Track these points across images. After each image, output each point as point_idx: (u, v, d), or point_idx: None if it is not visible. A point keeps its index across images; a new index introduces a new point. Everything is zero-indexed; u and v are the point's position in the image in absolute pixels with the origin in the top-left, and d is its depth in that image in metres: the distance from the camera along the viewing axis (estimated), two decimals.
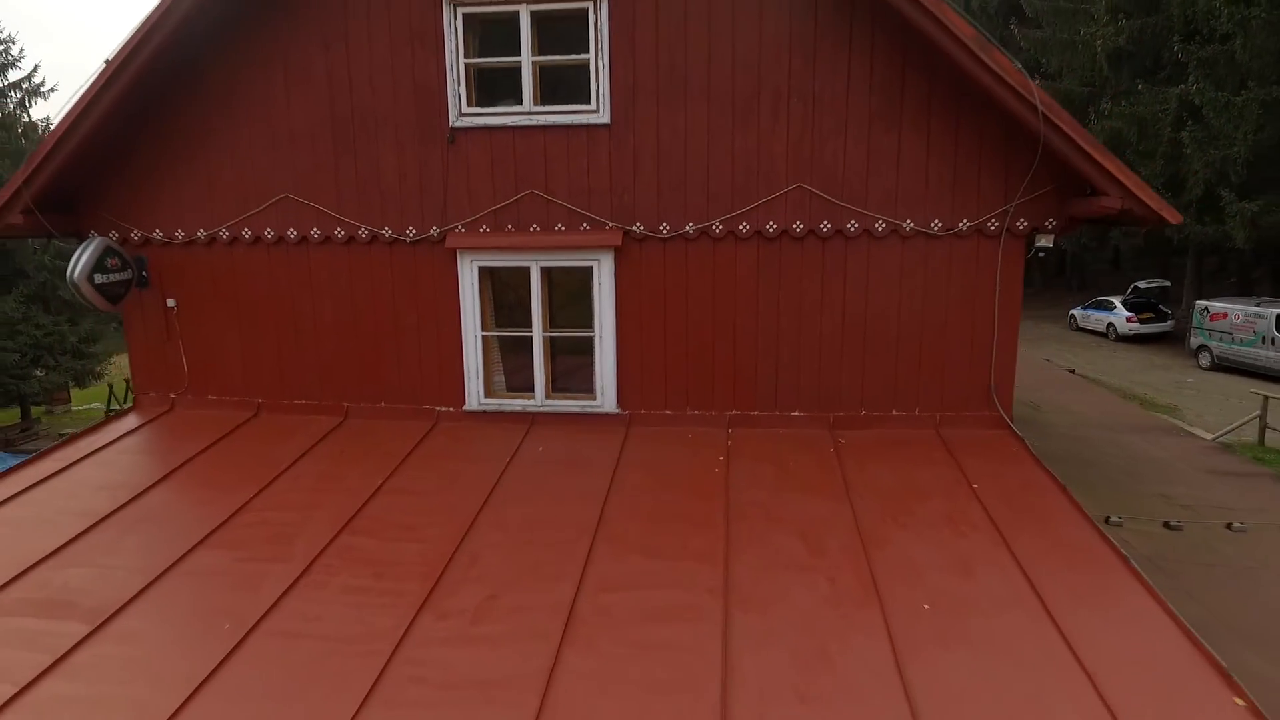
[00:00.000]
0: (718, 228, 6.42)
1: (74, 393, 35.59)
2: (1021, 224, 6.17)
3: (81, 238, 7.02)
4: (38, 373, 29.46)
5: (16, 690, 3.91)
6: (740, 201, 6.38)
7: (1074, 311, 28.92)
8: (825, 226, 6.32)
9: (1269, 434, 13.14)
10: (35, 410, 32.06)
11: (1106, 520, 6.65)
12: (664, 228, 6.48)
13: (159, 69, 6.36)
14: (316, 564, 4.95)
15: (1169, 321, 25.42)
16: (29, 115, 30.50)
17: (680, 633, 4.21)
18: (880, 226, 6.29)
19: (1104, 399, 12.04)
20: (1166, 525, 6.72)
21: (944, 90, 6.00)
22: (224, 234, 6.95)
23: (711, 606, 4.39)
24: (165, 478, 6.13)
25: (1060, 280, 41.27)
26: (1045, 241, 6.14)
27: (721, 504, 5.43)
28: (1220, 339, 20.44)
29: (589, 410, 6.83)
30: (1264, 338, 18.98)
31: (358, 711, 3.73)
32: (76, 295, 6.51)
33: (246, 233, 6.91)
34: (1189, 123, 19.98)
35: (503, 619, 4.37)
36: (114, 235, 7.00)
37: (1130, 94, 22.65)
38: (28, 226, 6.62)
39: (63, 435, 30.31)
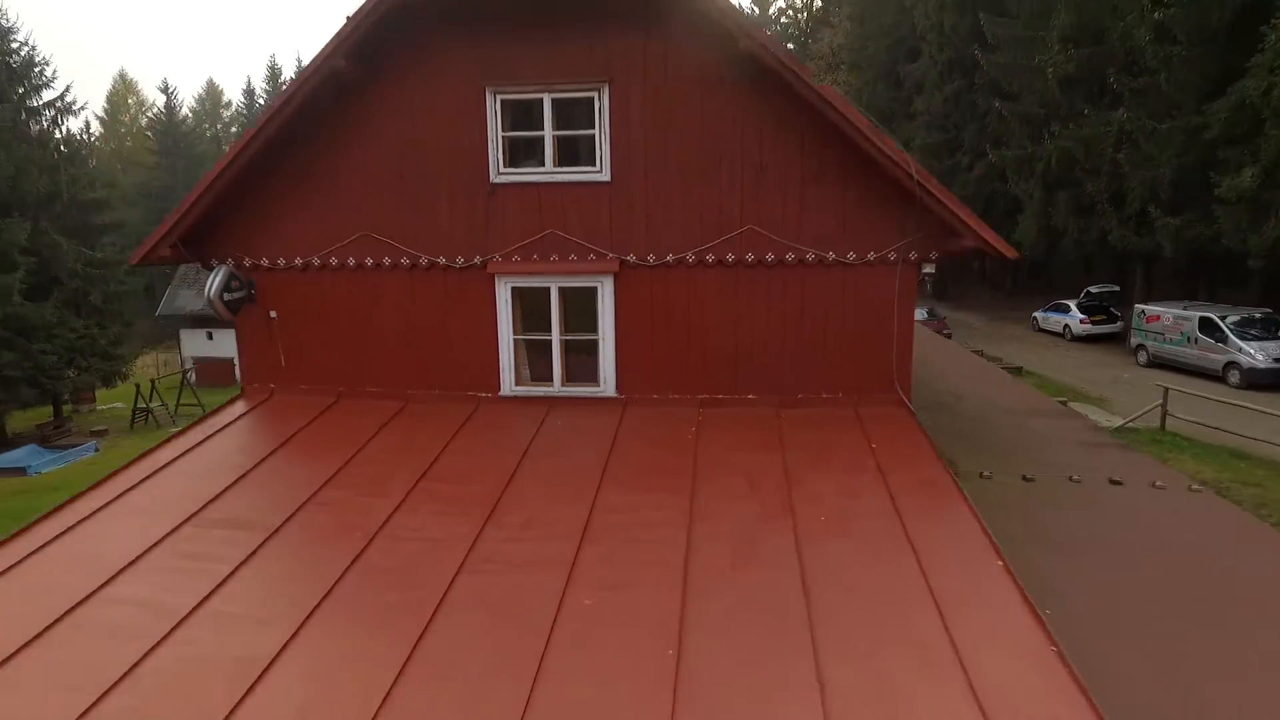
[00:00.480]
0: (691, 258, 8.63)
1: (97, 393, 37.49)
2: (913, 256, 8.38)
3: (205, 264, 9.18)
4: (70, 373, 31.39)
5: (233, 568, 6.08)
6: (707, 238, 8.58)
7: (1036, 314, 31.24)
8: (770, 258, 8.53)
9: (1170, 420, 15.41)
10: (64, 409, 33.96)
11: (981, 475, 8.86)
12: (651, 258, 8.68)
13: (276, 138, 8.54)
14: (408, 499, 7.13)
15: (1118, 323, 27.73)
16: (61, 131, 32.54)
17: (658, 535, 6.40)
18: (811, 257, 8.50)
19: (1024, 392, 14.25)
20: (1024, 478, 8.93)
21: (854, 159, 8.20)
22: (316, 261, 9.12)
23: (680, 520, 6.58)
24: (282, 445, 8.30)
25: (1033, 283, 43.60)
26: (929, 269, 8.37)
27: (691, 458, 7.63)
28: (1155, 339, 22.75)
29: (595, 395, 9.03)
30: (1189, 338, 21.29)
31: (454, 577, 5.91)
32: (210, 308, 8.68)
33: (334, 261, 9.09)
34: (1125, 146, 22.29)
35: (541, 528, 6.56)
36: (230, 262, 9.17)
37: (1078, 117, 24.93)
38: (172, 256, 8.79)
39: (94, 432, 32.29)
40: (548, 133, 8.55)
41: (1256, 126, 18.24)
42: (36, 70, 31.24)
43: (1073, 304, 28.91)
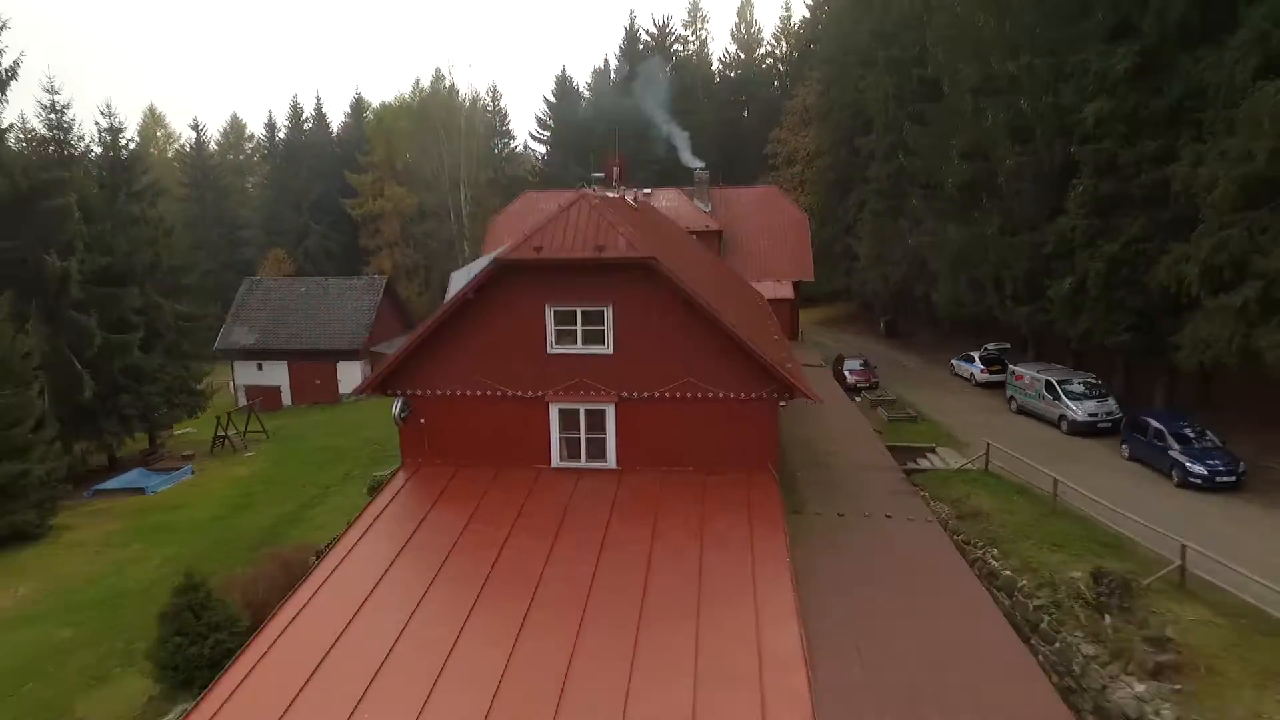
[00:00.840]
0: (657, 394, 15.83)
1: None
2: (776, 395, 15.59)
3: (384, 392, 16.35)
4: (164, 409, 38.25)
5: (437, 569, 13.21)
6: (665, 384, 15.77)
7: (952, 360, 38.44)
8: (699, 394, 15.73)
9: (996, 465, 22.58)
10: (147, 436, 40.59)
11: (816, 513, 16.03)
12: (635, 394, 15.87)
13: (430, 334, 15.71)
14: (513, 530, 14.28)
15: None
16: (157, 209, 39.46)
17: (637, 547, 13.56)
18: (721, 395, 15.70)
19: (877, 450, 21.26)
20: (839, 514, 16.13)
21: (744, 351, 15.36)
22: (449, 392, 16.30)
23: (647, 539, 13.75)
24: (436, 502, 15.44)
25: (968, 326, 50.61)
26: (784, 403, 15.59)
27: (654, 505, 14.82)
28: (1021, 393, 30.02)
29: (603, 467, 16.22)
30: (1040, 394, 28.56)
31: (544, 568, 13.06)
32: (395, 424, 15.83)
33: (459, 391, 16.27)
34: (994, 249, 29.56)
35: (583, 547, 13.72)
36: (399, 393, 16.33)
37: (970, 214, 32.16)
38: (373, 391, 15.97)
39: (183, 456, 39.07)
40: (579, 327, 15.78)
41: (1071, 250, 25.45)
42: (134, 159, 38.28)
43: (977, 356, 36.16)
